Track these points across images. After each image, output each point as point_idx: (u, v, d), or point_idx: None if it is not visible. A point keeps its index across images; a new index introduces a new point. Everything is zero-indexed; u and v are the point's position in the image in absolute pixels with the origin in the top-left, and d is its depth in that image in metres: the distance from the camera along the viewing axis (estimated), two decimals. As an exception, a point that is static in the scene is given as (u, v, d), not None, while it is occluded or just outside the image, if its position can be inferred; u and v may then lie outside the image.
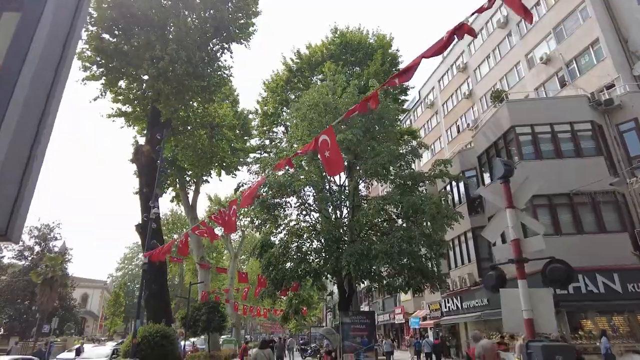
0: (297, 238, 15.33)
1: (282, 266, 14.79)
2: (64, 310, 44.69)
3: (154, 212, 13.89)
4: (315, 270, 14.42)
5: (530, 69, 26.28)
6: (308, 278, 14.75)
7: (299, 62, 26.72)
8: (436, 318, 26.32)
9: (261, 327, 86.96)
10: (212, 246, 54.14)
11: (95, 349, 17.98)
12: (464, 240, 22.94)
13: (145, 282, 17.32)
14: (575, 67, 22.61)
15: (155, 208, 13.94)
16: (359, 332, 14.06)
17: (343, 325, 14.19)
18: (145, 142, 20.47)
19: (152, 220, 13.90)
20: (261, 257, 15.57)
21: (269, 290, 15.65)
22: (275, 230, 16.74)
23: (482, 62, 32.22)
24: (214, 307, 24.64)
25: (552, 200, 17.49)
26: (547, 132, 18.72)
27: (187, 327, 23.48)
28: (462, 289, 22.53)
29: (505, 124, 19.57)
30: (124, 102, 22.06)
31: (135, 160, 19.83)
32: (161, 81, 17.40)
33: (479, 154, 21.92)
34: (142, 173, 19.23)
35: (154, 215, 13.90)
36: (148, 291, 16.93)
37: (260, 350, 10.73)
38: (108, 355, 16.50)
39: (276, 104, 26.60)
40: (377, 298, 43.19)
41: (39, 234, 44.49)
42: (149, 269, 17.49)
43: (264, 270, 15.07)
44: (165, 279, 17.76)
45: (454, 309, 23.73)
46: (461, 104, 34.71)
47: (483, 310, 20.10)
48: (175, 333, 15.53)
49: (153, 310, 16.75)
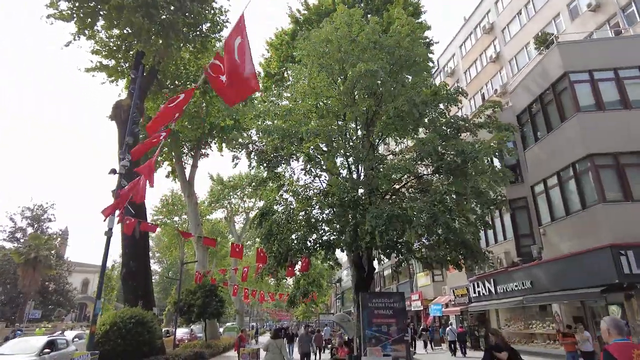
0: (305, 204, 12.21)
1: (286, 236, 11.72)
2: (59, 295, 42.39)
3: (122, 165, 10.86)
4: (328, 242, 11.33)
5: (573, 20, 22.68)
6: (319, 250, 11.66)
7: (307, 12, 23.35)
8: (462, 304, 23.24)
9: (268, 314, 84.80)
10: (215, 230, 51.48)
11: (22, 341, 13.87)
12: (498, 214, 19.69)
13: (123, 257, 14.42)
14: (634, 10, 19.00)
15: (125, 160, 10.91)
16: (384, 318, 10.99)
17: (363, 311, 11.13)
18: (127, 96, 17.42)
19: (121, 176, 10.89)
20: (260, 226, 12.51)
21: (270, 266, 12.62)
22: (278, 197, 13.70)
23: (512, 20, 28.56)
24: (210, 290, 21.84)
25: (620, 160, 14.19)
26: (611, 78, 15.33)
27: (179, 313, 20.71)
28: (496, 271, 19.40)
29: (556, 72, 16.19)
30: (107, 56, 19.02)
31: (114, 116, 16.81)
32: (140, 14, 14.27)
33: (519, 112, 18.56)
34: (121, 129, 16.23)
35: (123, 170, 10.88)
36: (125, 269, 14.03)
37: (273, 340, 10.45)
38: (36, 350, 12.61)
39: (280, 61, 23.28)
40: (390, 283, 40.25)
41: (32, 215, 41.92)
42: (128, 243, 14.58)
43: (264, 241, 12.02)
44: (147, 254, 14.84)
45: (485, 293, 20.61)
46: (487, 70, 31.19)
47: (525, 295, 16.97)
48: (155, 318, 12.60)
49: (131, 291, 13.84)
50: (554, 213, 16.33)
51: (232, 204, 48.03)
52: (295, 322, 69.63)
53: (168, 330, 27.19)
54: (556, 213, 16.17)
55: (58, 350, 13.73)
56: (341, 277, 57.35)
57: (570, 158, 15.19)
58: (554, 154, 16.10)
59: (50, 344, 13.47)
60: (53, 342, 13.83)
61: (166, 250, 49.07)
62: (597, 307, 15.13)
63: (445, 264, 11.82)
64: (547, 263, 16.26)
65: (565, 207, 15.57)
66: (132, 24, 15.09)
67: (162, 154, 29.23)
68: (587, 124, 14.84)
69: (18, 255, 27.81)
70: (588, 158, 14.47)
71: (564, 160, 15.56)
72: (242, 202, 48.92)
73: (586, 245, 13.96)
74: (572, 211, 15.20)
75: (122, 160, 11.13)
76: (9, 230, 40.77)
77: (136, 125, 13.74)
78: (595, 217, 13.86)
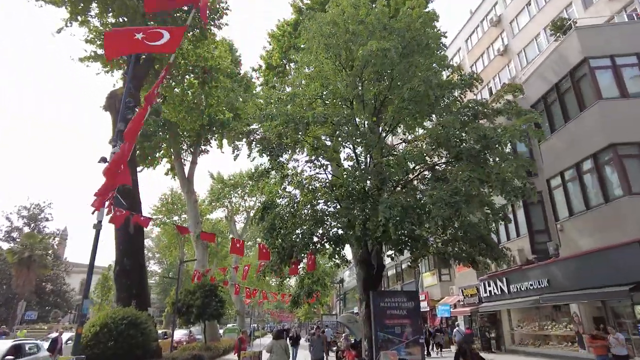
0: (311, 196, 11.32)
1: (290, 231, 10.83)
2: (56, 296, 41.55)
3: (113, 153, 10.00)
4: (337, 236, 10.43)
5: (586, 8, 21.79)
6: (327, 246, 10.76)
7: (309, 1, 22.49)
8: (472, 305, 22.32)
9: (270, 315, 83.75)
10: (215, 230, 50.57)
11: None
12: (510, 209, 18.78)
13: (116, 254, 13.57)
14: (653, -6, 18.14)
15: (117, 147, 10.05)
16: (397, 319, 10.11)
17: (374, 310, 10.24)
18: (123, 85, 16.58)
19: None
20: (262, 221, 11.63)
21: (273, 263, 11.73)
22: (281, 190, 12.84)
23: (521, 12, 27.72)
24: (210, 290, 20.94)
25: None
26: (634, 64, 14.48)
27: (178, 314, 19.82)
28: (509, 269, 18.51)
29: (575, 58, 15.32)
30: (101, 46, 18.18)
31: (108, 106, 15.98)
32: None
33: (534, 103, 17.66)
34: (117, 121, 15.37)
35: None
36: (119, 266, 13.15)
37: (276, 341, 10.23)
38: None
39: (282, 52, 22.38)
40: (394, 283, 39.32)
41: (29, 214, 41.09)
42: (122, 239, 13.73)
43: (266, 236, 11.13)
44: (142, 251, 13.94)
45: (497, 293, 19.71)
46: (494, 63, 30.36)
47: (541, 294, 16.07)
48: (150, 319, 11.72)
49: (125, 290, 12.95)
50: (572, 207, 15.45)
51: (233, 203, 47.22)
52: (297, 323, 68.69)
53: (166, 332, 26.31)
54: (575, 207, 15.29)
55: (26, 356, 12.39)
56: (343, 277, 56.43)
57: (591, 149, 14.32)
58: (572, 145, 15.22)
59: (16, 349, 12.03)
60: (19, 346, 12.41)
61: (166, 250, 48.19)
62: (619, 307, 14.23)
63: (464, 260, 10.92)
64: (565, 260, 15.38)
65: (585, 201, 14.68)
66: (126, 7, 14.25)
67: (160, 150, 28.41)
68: (609, 112, 13.97)
69: (12, 254, 26.98)
70: (610, 148, 13.60)
71: (584, 151, 14.68)
72: (243, 200, 48.10)
73: (610, 240, 13.07)
74: (593, 205, 14.31)
75: (114, 147, 10.26)
76: (5, 229, 39.98)
77: (130, 111, 12.89)
78: (621, 211, 12.97)
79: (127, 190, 14.22)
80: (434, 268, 28.16)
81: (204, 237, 14.85)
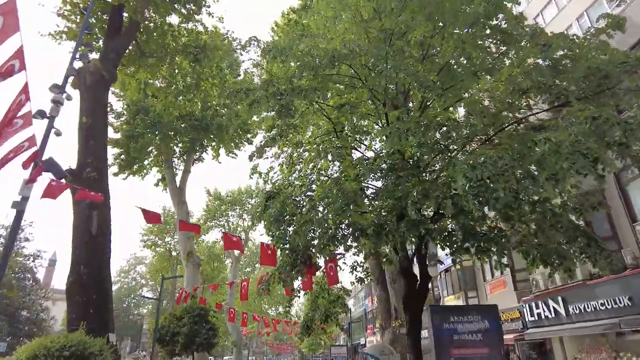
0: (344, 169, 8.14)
1: (306, 220, 7.56)
2: (32, 325, 37.47)
3: (55, 102, 6.92)
4: (380, 225, 7.09)
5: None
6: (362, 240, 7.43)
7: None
8: (514, 331, 18.61)
9: (268, 347, 78.07)
10: (211, 254, 46.75)
11: None
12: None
13: (71, 261, 10.19)
14: None
15: (63, 94, 7.01)
16: (470, 348, 6.75)
17: (436, 334, 6.87)
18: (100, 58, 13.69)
19: (52, 120, 6.93)
20: (266, 211, 8.38)
21: (281, 269, 8.41)
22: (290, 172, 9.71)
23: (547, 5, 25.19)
24: (200, 315, 17.40)
25: None
26: None
27: (158, 343, 16.18)
28: (564, 286, 15.09)
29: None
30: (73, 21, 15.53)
31: (77, 82, 13.01)
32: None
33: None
34: (85, 97, 12.41)
35: (56, 110, 6.93)
36: (72, 277, 9.71)
37: None
38: None
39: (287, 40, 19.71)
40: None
41: (6, 234, 37.46)
42: (80, 241, 10.40)
43: (272, 228, 7.84)
44: (106, 257, 10.44)
45: (550, 316, 16.11)
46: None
47: (621, 316, 12.58)
48: (107, 350, 8.24)
49: (78, 308, 9.43)
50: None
51: (230, 223, 43.81)
52: (299, 356, 63.56)
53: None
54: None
55: None
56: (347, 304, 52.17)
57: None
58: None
59: None
60: None
61: (156, 274, 44.37)
62: None
63: (552, 264, 7.57)
64: (653, 271, 12.05)
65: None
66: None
67: (150, 156, 25.37)
68: None
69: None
70: None
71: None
72: (242, 220, 44.67)
73: None
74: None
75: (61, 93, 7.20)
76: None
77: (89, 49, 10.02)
78: None
79: (94, 178, 11.05)
80: (459, 290, 24.43)
81: (183, 227, 11.47)
